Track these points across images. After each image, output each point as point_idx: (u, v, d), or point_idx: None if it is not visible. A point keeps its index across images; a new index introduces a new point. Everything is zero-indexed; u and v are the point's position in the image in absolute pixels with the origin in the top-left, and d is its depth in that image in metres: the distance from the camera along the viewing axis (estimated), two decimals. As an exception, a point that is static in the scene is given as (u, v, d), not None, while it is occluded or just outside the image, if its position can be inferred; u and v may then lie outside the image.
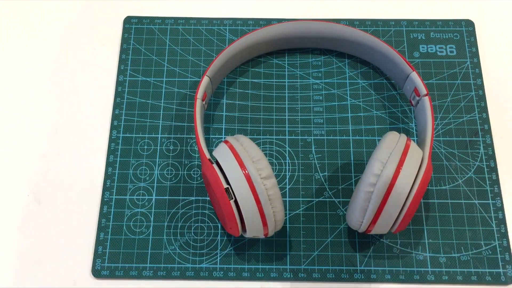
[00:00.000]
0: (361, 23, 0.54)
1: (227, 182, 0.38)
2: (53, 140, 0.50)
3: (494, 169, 0.48)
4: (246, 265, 0.45)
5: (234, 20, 0.55)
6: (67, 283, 0.44)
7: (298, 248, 0.45)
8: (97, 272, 0.44)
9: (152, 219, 0.46)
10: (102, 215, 0.46)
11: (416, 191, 0.38)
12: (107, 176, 0.48)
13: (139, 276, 0.44)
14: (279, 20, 0.54)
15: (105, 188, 0.47)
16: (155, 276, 0.44)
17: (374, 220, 0.39)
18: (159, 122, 0.50)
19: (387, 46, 0.48)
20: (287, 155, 0.49)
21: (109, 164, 0.48)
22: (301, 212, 0.47)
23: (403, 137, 0.41)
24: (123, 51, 0.53)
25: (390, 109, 0.50)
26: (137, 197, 0.47)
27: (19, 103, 0.51)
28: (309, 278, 0.44)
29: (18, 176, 0.48)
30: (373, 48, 0.49)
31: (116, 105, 0.51)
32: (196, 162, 0.48)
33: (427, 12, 0.55)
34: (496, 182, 0.47)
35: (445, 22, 0.54)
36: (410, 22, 0.54)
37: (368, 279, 0.44)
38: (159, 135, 0.49)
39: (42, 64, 0.53)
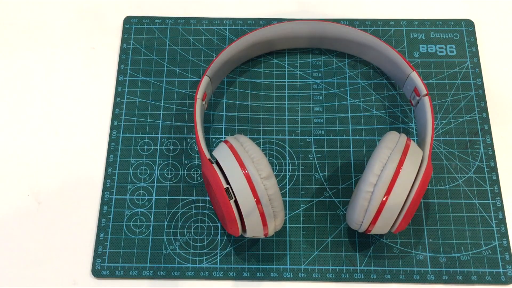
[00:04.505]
0: (361, 23, 0.54)
1: (227, 182, 0.38)
2: (53, 140, 0.50)
3: (494, 169, 0.48)
4: (246, 265, 0.45)
5: (234, 20, 0.55)
6: (67, 283, 0.44)
7: (298, 248, 0.45)
8: (97, 272, 0.44)
9: (152, 219, 0.46)
10: (102, 215, 0.46)
11: (416, 191, 0.38)
12: (107, 176, 0.48)
13: (139, 276, 0.44)
14: (279, 20, 0.54)
15: (105, 188, 0.47)
16: (155, 276, 0.44)
17: (374, 220, 0.39)
18: (159, 122, 0.50)
19: (387, 46, 0.48)
20: (287, 155, 0.49)
21: (109, 164, 0.48)
22: (301, 212, 0.47)
23: (403, 137, 0.41)
24: (123, 51, 0.53)
25: (390, 109, 0.50)
26: (137, 197, 0.47)
27: (19, 103, 0.51)
28: (309, 278, 0.44)
29: (18, 176, 0.48)
30: (373, 48, 0.49)
31: (116, 105, 0.51)
32: (196, 162, 0.48)
33: (427, 12, 0.55)
34: (496, 182, 0.47)
35: (445, 22, 0.54)
36: (410, 22, 0.54)
37: (368, 279, 0.44)
38: (159, 135, 0.49)
39: (42, 64, 0.53)
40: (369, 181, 0.38)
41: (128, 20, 0.55)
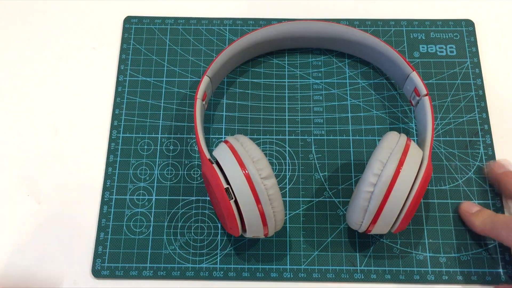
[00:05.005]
0: (361, 23, 0.54)
1: (227, 182, 0.38)
2: (53, 140, 0.50)
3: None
4: (246, 265, 0.45)
5: (234, 20, 0.55)
6: (67, 283, 0.44)
7: (298, 248, 0.45)
8: (97, 272, 0.44)
9: (152, 219, 0.46)
10: (102, 215, 0.46)
11: (416, 191, 0.38)
12: (107, 176, 0.48)
13: (139, 276, 0.44)
14: (279, 20, 0.54)
15: (105, 188, 0.47)
16: (155, 276, 0.44)
17: (374, 220, 0.39)
18: (159, 122, 0.50)
19: (387, 46, 0.48)
20: (287, 155, 0.49)
21: (109, 164, 0.48)
22: (301, 212, 0.47)
23: (403, 137, 0.41)
24: (123, 51, 0.53)
25: (390, 109, 0.50)
26: (137, 197, 0.47)
27: (19, 103, 0.51)
28: (309, 278, 0.44)
29: (18, 176, 0.48)
30: (373, 48, 0.49)
31: (116, 105, 0.51)
32: (196, 162, 0.48)
33: (427, 12, 0.55)
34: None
35: (445, 22, 0.54)
36: (410, 22, 0.54)
37: (368, 279, 0.44)
38: (159, 135, 0.49)
39: (42, 64, 0.53)
40: (369, 181, 0.38)
41: (128, 20, 0.55)
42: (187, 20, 0.55)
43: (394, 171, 0.38)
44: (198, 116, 0.44)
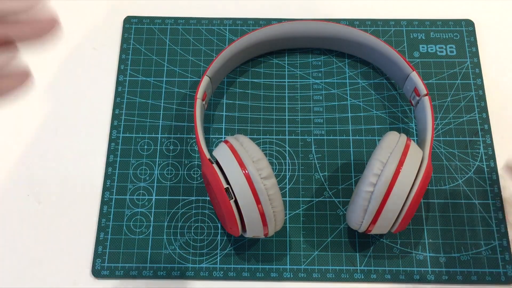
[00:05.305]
0: (361, 23, 0.54)
1: (227, 182, 0.38)
2: (53, 140, 0.50)
3: (494, 169, 0.48)
4: (246, 265, 0.45)
5: (234, 20, 0.55)
6: (67, 283, 0.44)
7: (298, 248, 0.45)
8: (97, 272, 0.44)
9: (152, 219, 0.46)
10: (102, 215, 0.46)
11: (416, 191, 0.38)
12: (107, 176, 0.48)
13: (139, 276, 0.44)
14: (279, 20, 0.54)
15: (105, 188, 0.47)
16: (155, 276, 0.44)
17: (374, 220, 0.39)
18: (159, 122, 0.50)
19: (387, 46, 0.48)
20: (287, 155, 0.49)
21: (109, 164, 0.48)
22: (301, 212, 0.47)
23: (403, 137, 0.41)
24: (123, 51, 0.53)
25: (390, 109, 0.50)
26: (137, 197, 0.47)
27: (19, 103, 0.51)
28: (309, 278, 0.44)
29: (18, 176, 0.48)
30: (373, 48, 0.49)
31: (116, 105, 0.51)
32: (196, 162, 0.48)
33: (427, 12, 0.55)
34: (496, 182, 0.47)
35: (445, 22, 0.54)
36: (410, 22, 0.54)
37: (368, 279, 0.44)
38: (159, 135, 0.49)
39: (42, 64, 0.53)
40: (369, 181, 0.38)
41: (128, 20, 0.55)
42: (187, 20, 0.55)
43: (394, 171, 0.38)
44: (198, 116, 0.44)
